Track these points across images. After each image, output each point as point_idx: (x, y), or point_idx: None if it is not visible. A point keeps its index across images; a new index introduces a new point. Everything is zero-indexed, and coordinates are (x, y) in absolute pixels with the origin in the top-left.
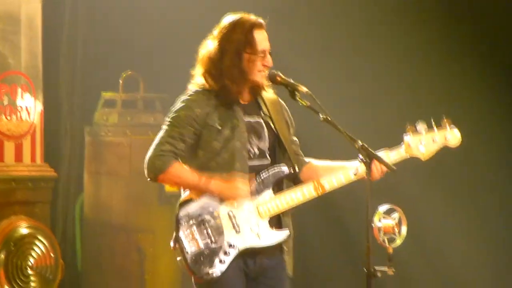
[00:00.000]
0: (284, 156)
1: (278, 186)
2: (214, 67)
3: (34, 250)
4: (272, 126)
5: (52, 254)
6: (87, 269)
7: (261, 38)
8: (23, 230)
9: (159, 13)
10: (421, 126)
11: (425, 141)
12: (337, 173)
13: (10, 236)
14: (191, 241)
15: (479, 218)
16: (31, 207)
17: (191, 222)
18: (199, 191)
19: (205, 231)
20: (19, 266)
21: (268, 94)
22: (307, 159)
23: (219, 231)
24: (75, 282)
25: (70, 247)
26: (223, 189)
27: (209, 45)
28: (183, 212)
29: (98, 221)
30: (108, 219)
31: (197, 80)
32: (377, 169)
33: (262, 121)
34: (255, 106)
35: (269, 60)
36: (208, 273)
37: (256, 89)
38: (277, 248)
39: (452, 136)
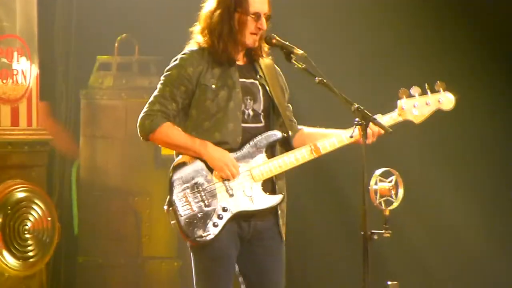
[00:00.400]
0: (278, 120)
1: (271, 150)
2: (208, 24)
3: (31, 213)
4: (268, 90)
5: (48, 218)
6: (84, 232)
7: (256, 0)
8: (20, 193)
9: None
10: (414, 90)
11: (418, 104)
12: (332, 136)
13: (7, 200)
14: (185, 204)
15: (473, 179)
16: (28, 170)
17: (184, 185)
18: (190, 154)
19: (198, 194)
20: (16, 230)
21: (265, 59)
22: (299, 126)
23: (212, 194)
24: (72, 245)
25: (66, 211)
26: (213, 159)
27: (209, 3)
28: (176, 175)
29: (95, 185)
30: (104, 183)
31: (196, 37)
32: (373, 132)
33: (257, 83)
34: (251, 68)
35: (262, 23)
36: (201, 236)
37: (252, 54)
38: (271, 212)
39: (445, 99)
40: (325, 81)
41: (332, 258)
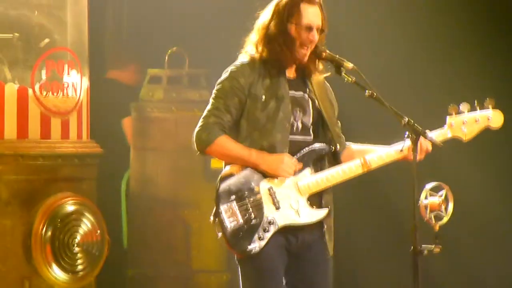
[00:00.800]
0: (326, 134)
1: (319, 164)
2: (264, 35)
3: (80, 226)
4: (317, 103)
5: (98, 231)
6: (133, 245)
7: (310, 12)
8: (70, 206)
9: None
10: (464, 106)
11: (467, 121)
12: (382, 151)
13: (57, 213)
14: (231, 216)
15: None
16: (78, 183)
17: (231, 197)
18: (248, 165)
19: (245, 206)
20: (66, 243)
21: (317, 76)
22: (347, 143)
23: (259, 207)
24: (121, 258)
25: (116, 224)
26: (271, 164)
27: (264, 14)
28: (223, 187)
29: (144, 197)
30: (154, 195)
31: (248, 49)
32: (421, 148)
33: (307, 96)
34: (301, 82)
35: (314, 35)
36: (247, 249)
37: (305, 70)
38: (318, 226)
39: (495, 116)
40: (375, 94)
41: (381, 273)
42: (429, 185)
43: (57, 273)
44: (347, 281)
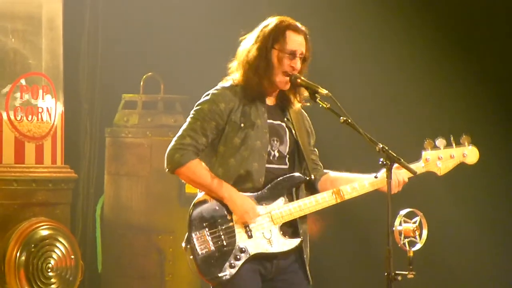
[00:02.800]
0: (302, 163)
1: (297, 193)
2: (245, 59)
3: (54, 251)
4: (293, 132)
5: (72, 256)
6: (107, 270)
7: (294, 39)
8: (44, 231)
9: (180, 14)
10: (440, 142)
11: (443, 157)
12: (356, 181)
13: (31, 237)
14: (203, 243)
15: (498, 221)
16: (52, 208)
17: (203, 224)
18: (213, 195)
19: (217, 233)
20: (40, 268)
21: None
22: (325, 170)
23: (231, 234)
24: (95, 283)
25: (90, 249)
26: (235, 205)
27: (248, 39)
28: (196, 213)
29: (119, 222)
30: (129, 220)
31: (233, 74)
32: (398, 181)
33: (284, 125)
34: (279, 110)
35: (296, 62)
36: (217, 277)
37: (285, 98)
38: (296, 252)
39: (470, 153)
40: (349, 120)
41: None
42: (403, 211)
43: None
44: None
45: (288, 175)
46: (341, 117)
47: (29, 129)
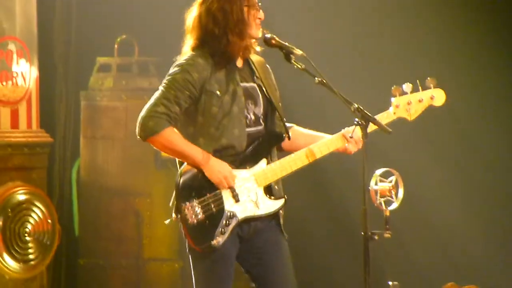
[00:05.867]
0: (277, 122)
1: (273, 153)
2: (217, 27)
3: (31, 216)
4: (265, 91)
5: (49, 220)
6: (85, 234)
7: None
8: (20, 196)
9: None
10: (407, 87)
11: (412, 102)
12: (327, 139)
13: (7, 202)
14: (193, 212)
15: (473, 178)
16: (28, 172)
17: (192, 193)
18: (189, 162)
19: (205, 202)
20: (17, 232)
21: (255, 56)
22: (288, 124)
23: (219, 202)
24: (72, 247)
25: (67, 212)
26: (212, 172)
27: (196, 12)
28: (184, 182)
29: (95, 186)
30: (105, 184)
31: (192, 46)
32: (357, 141)
33: (256, 86)
34: (249, 70)
35: (262, 13)
36: (210, 245)
37: (246, 50)
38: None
39: (437, 95)
40: (324, 81)
41: (332, 259)
42: (379, 171)
43: (9, 263)
44: (298, 269)
45: (268, 136)
46: (316, 78)
47: (4, 94)
